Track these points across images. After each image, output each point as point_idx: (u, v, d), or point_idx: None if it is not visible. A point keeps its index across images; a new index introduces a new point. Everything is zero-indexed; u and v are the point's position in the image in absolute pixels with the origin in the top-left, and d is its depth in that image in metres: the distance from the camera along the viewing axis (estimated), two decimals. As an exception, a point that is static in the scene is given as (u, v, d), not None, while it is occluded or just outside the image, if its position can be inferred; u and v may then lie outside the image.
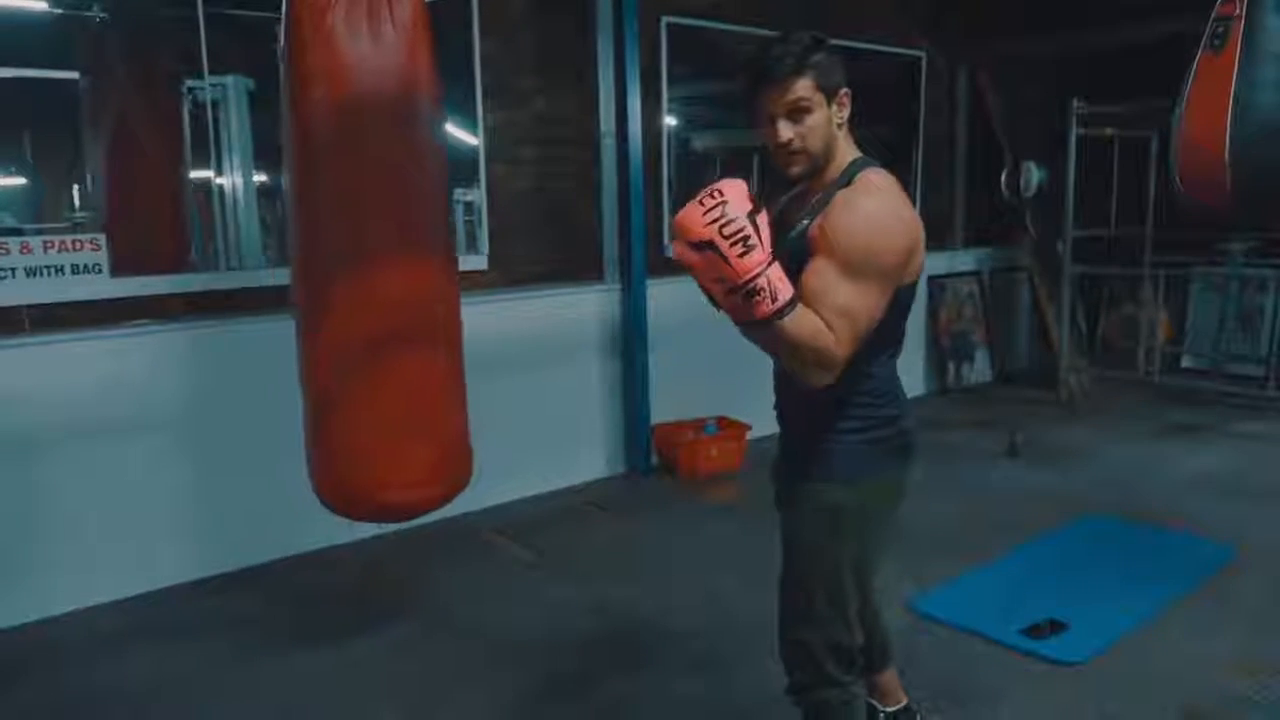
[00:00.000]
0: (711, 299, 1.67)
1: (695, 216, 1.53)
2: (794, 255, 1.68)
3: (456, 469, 2.49)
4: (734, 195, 1.53)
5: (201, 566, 3.55)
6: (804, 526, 1.88)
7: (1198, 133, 2.89)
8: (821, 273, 1.64)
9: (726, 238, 1.50)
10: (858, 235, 1.65)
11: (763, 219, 1.55)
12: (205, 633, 3.16)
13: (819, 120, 1.71)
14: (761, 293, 1.52)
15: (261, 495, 3.64)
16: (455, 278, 2.51)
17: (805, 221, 1.73)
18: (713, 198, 1.53)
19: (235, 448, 3.59)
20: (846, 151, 1.80)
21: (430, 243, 2.38)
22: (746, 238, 1.51)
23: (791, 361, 1.64)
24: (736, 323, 1.63)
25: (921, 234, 1.76)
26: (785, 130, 1.71)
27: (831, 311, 1.61)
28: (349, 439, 2.32)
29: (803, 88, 1.69)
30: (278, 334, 3.50)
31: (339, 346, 2.29)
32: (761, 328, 1.57)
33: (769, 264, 1.53)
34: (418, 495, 2.38)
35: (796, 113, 1.70)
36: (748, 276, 1.52)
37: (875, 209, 1.69)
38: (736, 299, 1.55)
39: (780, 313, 1.54)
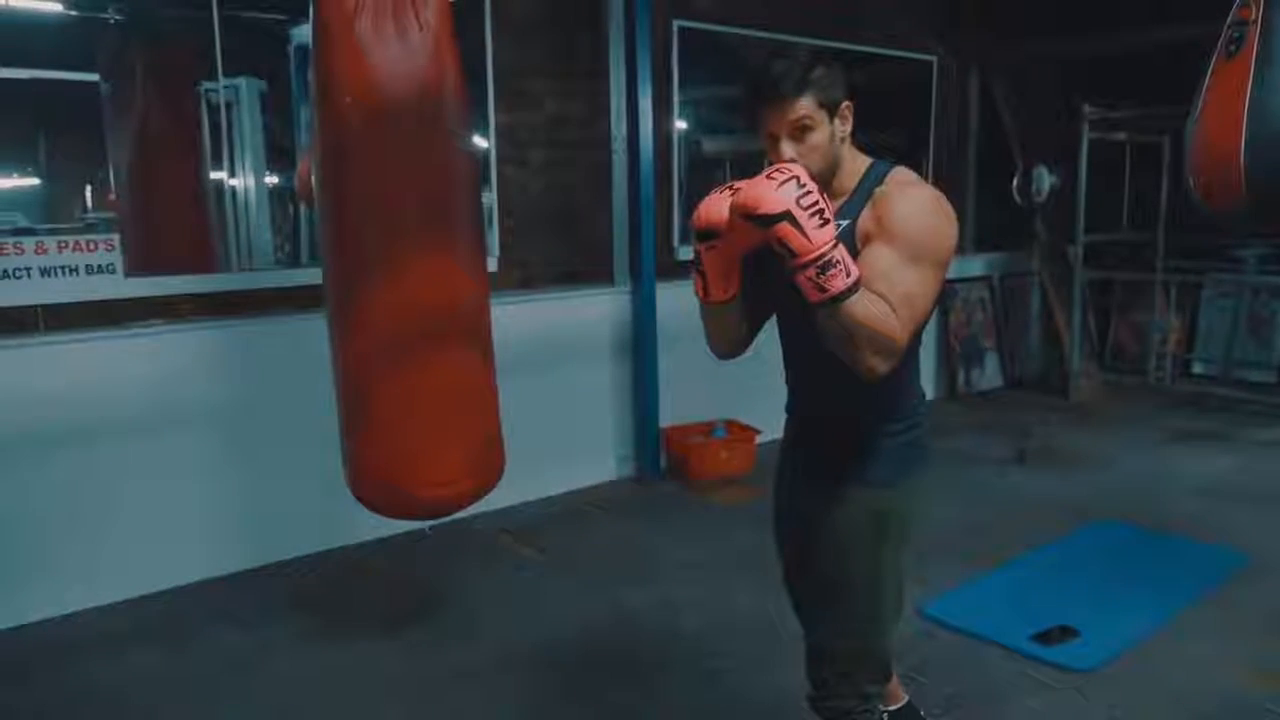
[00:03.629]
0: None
1: (768, 189, 1.49)
2: None
3: (489, 467, 2.52)
4: (803, 172, 1.52)
5: (206, 567, 3.55)
6: (851, 532, 1.81)
7: (1213, 137, 2.86)
8: (884, 259, 1.61)
9: (805, 208, 1.48)
10: (916, 221, 1.64)
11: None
12: (210, 633, 3.17)
13: (821, 138, 1.69)
14: (837, 265, 1.50)
15: (267, 496, 3.65)
16: (486, 278, 2.53)
17: (843, 222, 1.69)
18: (782, 172, 1.51)
19: (244, 448, 3.60)
20: (856, 158, 1.78)
21: (460, 244, 2.39)
22: (822, 210, 1.50)
23: (854, 349, 1.57)
24: (812, 302, 1.54)
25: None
26: (788, 149, 1.68)
27: (895, 297, 1.58)
28: (385, 439, 2.35)
29: (804, 107, 1.66)
30: (289, 334, 3.55)
31: (372, 349, 2.31)
32: (830, 309, 1.52)
33: (837, 239, 1.52)
34: (450, 492, 2.42)
35: (799, 131, 1.68)
36: (826, 247, 1.49)
37: (928, 196, 1.69)
38: (809, 274, 1.50)
39: (854, 287, 1.51)
